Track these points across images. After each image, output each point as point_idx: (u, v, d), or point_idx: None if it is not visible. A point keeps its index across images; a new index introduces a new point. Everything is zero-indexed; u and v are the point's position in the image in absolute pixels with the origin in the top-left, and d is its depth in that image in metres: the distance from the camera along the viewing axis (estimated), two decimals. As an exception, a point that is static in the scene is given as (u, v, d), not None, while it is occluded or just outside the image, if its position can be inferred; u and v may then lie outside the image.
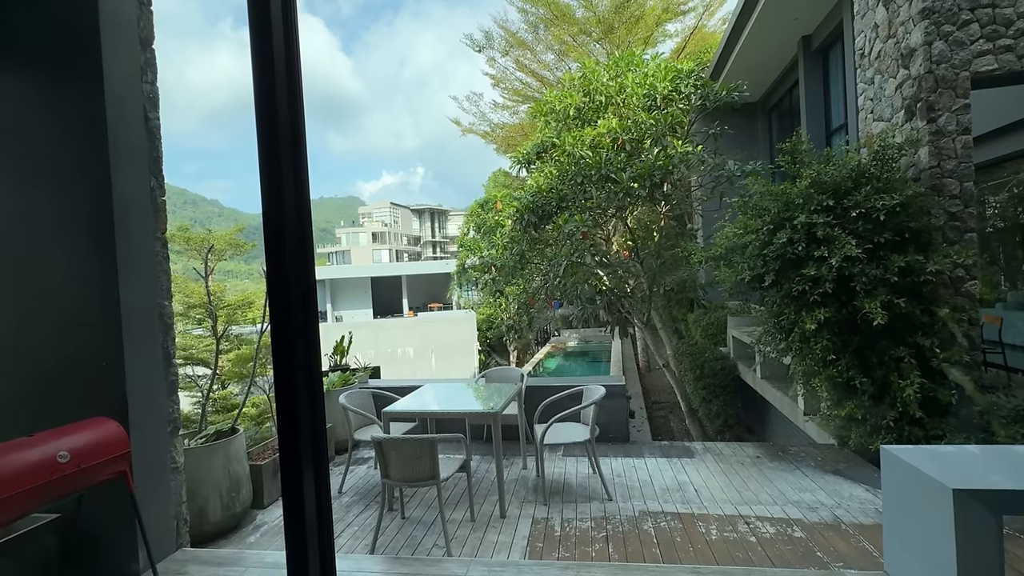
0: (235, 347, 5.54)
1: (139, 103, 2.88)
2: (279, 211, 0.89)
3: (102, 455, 2.41)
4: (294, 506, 0.92)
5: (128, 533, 2.70)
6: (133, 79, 2.85)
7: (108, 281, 2.64)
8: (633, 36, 15.31)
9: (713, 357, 8.79)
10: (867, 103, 5.16)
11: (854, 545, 2.98)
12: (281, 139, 0.88)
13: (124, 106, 2.76)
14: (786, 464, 4.33)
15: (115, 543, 2.72)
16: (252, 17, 0.88)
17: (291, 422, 0.92)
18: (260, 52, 0.87)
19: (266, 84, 0.88)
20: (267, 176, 0.89)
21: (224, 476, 3.46)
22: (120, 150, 2.71)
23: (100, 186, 2.63)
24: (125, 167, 2.74)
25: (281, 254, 0.90)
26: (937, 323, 3.90)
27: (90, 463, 2.34)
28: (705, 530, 3.24)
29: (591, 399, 3.94)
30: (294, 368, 0.91)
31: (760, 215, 4.50)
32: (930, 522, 2.04)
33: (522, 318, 19.66)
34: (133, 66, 2.86)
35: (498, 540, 3.23)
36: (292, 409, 0.92)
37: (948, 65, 4.13)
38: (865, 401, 4.00)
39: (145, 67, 2.96)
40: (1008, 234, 7.33)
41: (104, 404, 2.63)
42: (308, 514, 0.93)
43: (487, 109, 19.74)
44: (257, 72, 0.88)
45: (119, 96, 2.73)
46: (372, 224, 72.37)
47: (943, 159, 4.15)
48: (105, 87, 2.63)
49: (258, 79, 0.89)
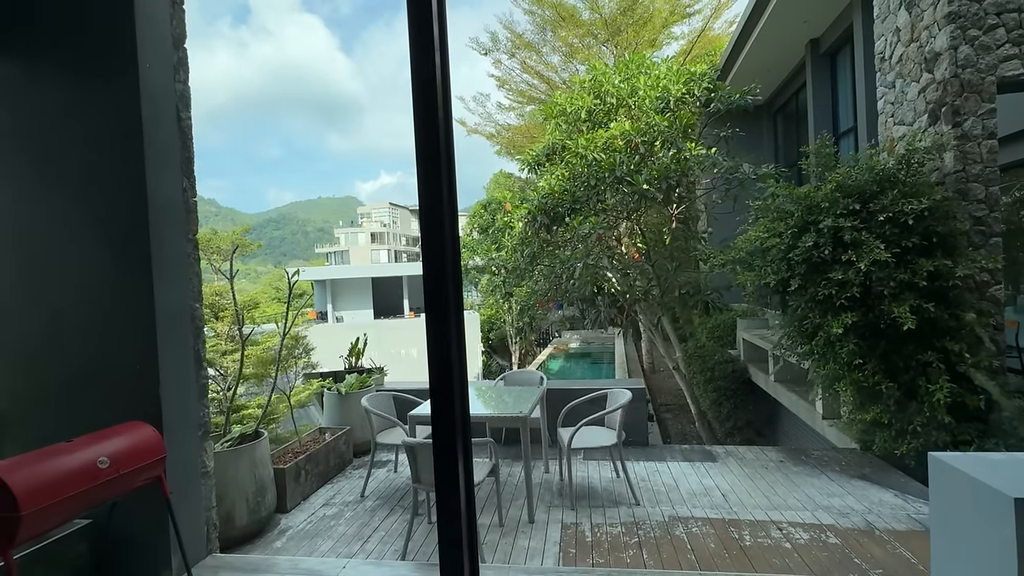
0: (240, 348, 5.50)
1: (172, 102, 2.85)
2: (436, 212, 0.88)
3: (140, 460, 2.37)
4: (448, 496, 0.91)
5: (160, 539, 2.66)
6: (167, 78, 2.81)
7: (142, 283, 2.60)
8: (640, 39, 15.34)
9: (723, 360, 8.79)
10: (887, 107, 5.16)
11: (891, 552, 2.96)
12: (440, 150, 0.87)
13: (158, 105, 2.72)
14: (810, 468, 4.32)
15: (147, 549, 2.67)
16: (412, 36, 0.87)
17: (447, 418, 0.91)
18: (419, 73, 0.86)
19: (426, 98, 0.87)
20: (425, 183, 0.87)
21: (250, 480, 3.42)
22: (154, 150, 2.67)
23: (135, 187, 2.59)
24: (159, 167, 2.70)
25: (440, 258, 0.88)
26: (964, 328, 3.90)
27: (128, 468, 2.30)
28: (738, 536, 3.21)
29: (617, 403, 3.91)
30: (449, 364, 0.90)
31: (783, 218, 4.49)
32: (986, 532, 2.01)
33: (523, 319, 19.64)
34: (166, 65, 2.82)
35: (530, 546, 3.19)
36: (449, 408, 0.91)
37: (974, 69, 4.14)
38: (891, 406, 3.99)
39: (178, 66, 2.92)
40: (1012, 238, 7.35)
41: (137, 408, 2.59)
42: (460, 504, 0.92)
43: (493, 110, 19.75)
44: (417, 86, 0.87)
45: (153, 95, 2.69)
46: (371, 224, 72.27)
47: (968, 163, 4.15)
48: (140, 87, 2.59)
49: (418, 91, 0.87)
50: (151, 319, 2.60)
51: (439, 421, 0.94)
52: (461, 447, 0.93)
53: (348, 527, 3.57)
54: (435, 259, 0.90)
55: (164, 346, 2.67)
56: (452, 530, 0.94)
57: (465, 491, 0.96)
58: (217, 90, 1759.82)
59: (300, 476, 4.02)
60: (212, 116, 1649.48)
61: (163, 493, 2.48)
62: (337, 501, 4.01)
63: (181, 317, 2.84)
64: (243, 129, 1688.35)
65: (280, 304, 4.26)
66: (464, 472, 0.95)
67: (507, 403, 3.91)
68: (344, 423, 4.98)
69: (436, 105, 0.89)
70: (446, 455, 0.94)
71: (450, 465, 0.93)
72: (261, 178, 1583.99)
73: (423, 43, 0.89)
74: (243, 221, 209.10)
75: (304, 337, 5.88)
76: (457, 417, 0.93)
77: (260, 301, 8.02)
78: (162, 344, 2.65)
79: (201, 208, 3.12)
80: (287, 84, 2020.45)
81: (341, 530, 3.53)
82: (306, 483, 4.10)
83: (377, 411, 4.13)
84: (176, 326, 2.79)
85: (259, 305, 7.51)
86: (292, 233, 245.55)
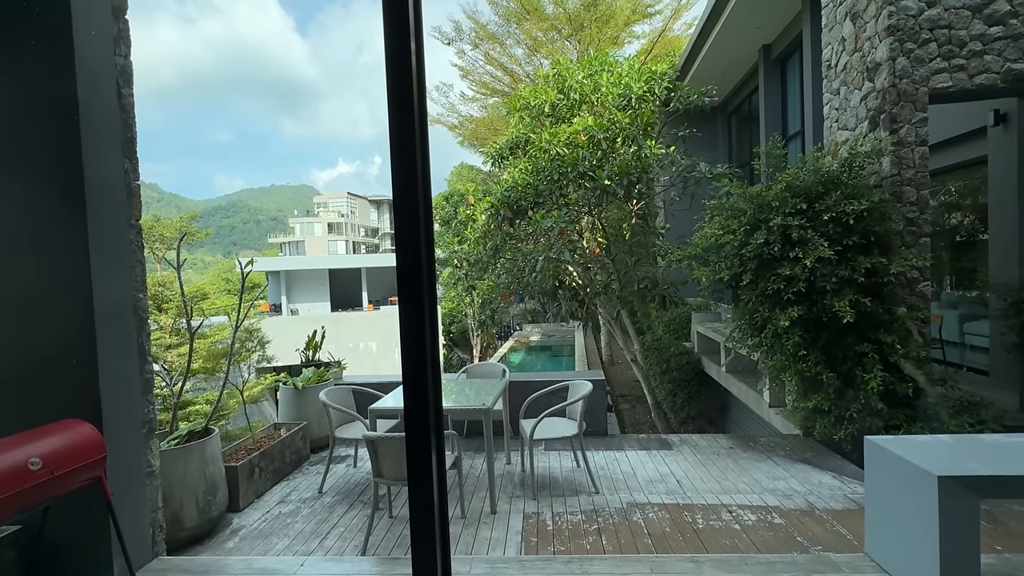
0: (186, 341, 5.24)
1: (112, 77, 2.66)
2: (411, 202, 0.85)
3: (77, 460, 2.22)
4: (420, 495, 0.90)
5: (100, 543, 2.51)
6: (106, 51, 2.61)
7: (79, 271, 2.43)
8: (602, 35, 15.53)
9: (678, 352, 9.12)
10: (832, 112, 5.45)
11: (830, 530, 3.17)
12: (416, 139, 0.85)
13: (96, 81, 2.54)
14: (758, 454, 4.56)
15: (86, 554, 2.51)
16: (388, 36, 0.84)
17: (421, 409, 0.90)
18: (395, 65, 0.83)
19: (400, 81, 0.84)
20: (400, 172, 0.85)
21: (200, 479, 3.27)
22: (92, 129, 2.49)
23: (71, 169, 2.41)
24: (97, 147, 2.52)
25: (415, 248, 0.86)
26: (896, 321, 4.20)
27: (64, 469, 2.15)
28: (691, 519, 3.36)
29: (578, 394, 3.99)
30: (424, 355, 0.88)
31: (736, 216, 4.68)
32: (914, 507, 2.19)
33: (485, 312, 19.64)
34: (106, 37, 2.62)
35: (492, 536, 3.22)
36: (423, 399, 0.89)
37: (909, 80, 4.43)
38: (831, 394, 4.26)
39: (118, 39, 2.72)
40: (938, 238, 7.99)
41: (75, 405, 2.42)
42: (433, 496, 0.91)
43: (456, 101, 19.51)
44: (391, 73, 0.84)
45: (91, 71, 2.50)
46: (328, 214, 70.05)
47: (903, 168, 4.46)
48: (76, 59, 2.40)
49: (392, 78, 0.84)
50: (89, 310, 2.43)
51: (413, 412, 0.93)
52: (435, 439, 0.93)
53: (305, 524, 3.48)
54: (410, 249, 0.88)
55: (104, 339, 2.50)
56: (426, 522, 0.94)
57: (438, 482, 0.95)
58: (160, 67, 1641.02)
59: (254, 473, 3.88)
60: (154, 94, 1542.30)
61: (104, 495, 2.34)
62: (294, 498, 3.90)
63: (123, 308, 2.67)
64: (189, 110, 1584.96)
65: (231, 296, 4.08)
66: (437, 463, 0.94)
67: (470, 396, 3.91)
68: (301, 418, 4.84)
69: (412, 93, 0.87)
70: (420, 445, 0.93)
71: (423, 457, 0.93)
72: (209, 163, 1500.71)
73: (399, 28, 0.86)
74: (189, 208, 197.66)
75: (258, 330, 5.66)
76: (431, 408, 0.92)
77: (208, 292, 7.63)
78: (102, 337, 2.49)
79: (142, 193, 2.93)
80: (238, 65, 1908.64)
81: (298, 527, 3.44)
82: (260, 480, 3.96)
83: (336, 405, 4.03)
84: (118, 317, 2.62)
85: (207, 296, 7.15)
86: (243, 222, 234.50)
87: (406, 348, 0.91)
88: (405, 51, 0.86)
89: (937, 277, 7.47)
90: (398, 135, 0.86)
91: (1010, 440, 2.47)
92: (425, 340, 0.91)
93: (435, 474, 0.95)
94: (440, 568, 0.97)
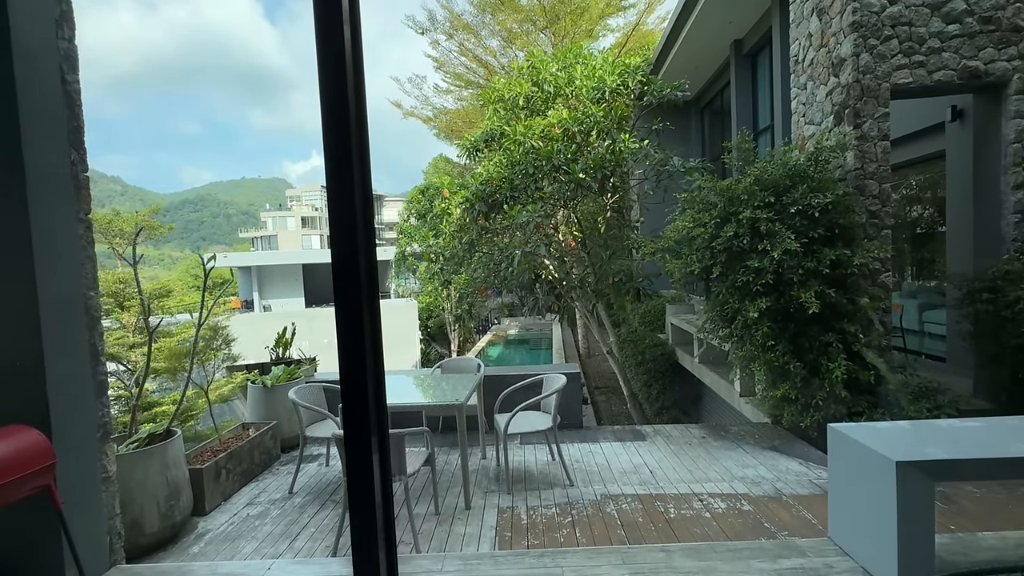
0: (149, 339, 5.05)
1: (55, 62, 2.49)
2: (348, 202, 0.80)
3: (21, 469, 2.10)
4: (361, 490, 0.86)
5: (52, 555, 2.38)
6: (46, 33, 2.45)
7: (21, 268, 2.28)
8: (577, 28, 15.50)
9: (653, 344, 9.23)
10: (799, 107, 5.56)
11: (796, 515, 3.26)
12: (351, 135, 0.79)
13: (36, 66, 2.38)
14: (729, 443, 4.65)
15: (34, 567, 2.39)
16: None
17: (359, 408, 0.85)
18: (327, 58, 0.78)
19: (333, 80, 0.79)
20: (333, 171, 0.80)
21: (162, 483, 3.15)
22: (32, 118, 2.33)
23: (9, 159, 2.25)
24: (38, 137, 2.37)
25: (351, 244, 0.81)
26: (859, 311, 4.33)
27: (7, 479, 2.03)
28: (664, 509, 3.40)
29: (552, 388, 3.99)
30: (362, 354, 0.84)
31: (707, 209, 4.74)
32: (874, 492, 2.26)
33: (462, 306, 19.55)
34: (46, 17, 2.46)
35: (466, 532, 3.20)
36: (361, 399, 0.85)
37: (872, 76, 4.54)
38: (797, 383, 4.36)
39: (61, 20, 2.56)
40: (898, 230, 8.28)
41: (19, 410, 2.29)
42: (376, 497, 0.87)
43: (430, 93, 19.24)
44: (323, 69, 0.78)
45: (30, 53, 2.34)
46: (301, 208, 68.53)
47: (866, 162, 4.58)
48: (12, 42, 2.24)
49: (324, 75, 0.79)
50: (34, 310, 2.29)
51: (350, 412, 0.89)
52: (376, 439, 0.89)
53: (275, 526, 3.40)
54: (345, 248, 0.83)
55: (51, 340, 2.37)
56: (366, 523, 0.90)
57: (381, 481, 0.92)
58: (121, 54, 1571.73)
59: (220, 475, 3.76)
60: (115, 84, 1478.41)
61: (53, 503, 2.22)
62: (263, 499, 3.80)
63: (72, 307, 2.53)
64: (153, 100, 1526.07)
65: (200, 292, 3.92)
66: (380, 463, 0.90)
67: (444, 391, 3.86)
68: (270, 417, 4.72)
69: (345, 81, 0.82)
70: (357, 447, 0.89)
71: (363, 457, 0.89)
72: (175, 155, 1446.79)
73: (329, 12, 0.81)
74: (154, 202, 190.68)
75: (225, 327, 5.48)
76: (371, 408, 0.88)
77: (174, 289, 7.35)
78: (48, 338, 2.35)
79: (104, 187, 2.83)
80: (204, 52, 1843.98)
81: (267, 529, 3.35)
82: (227, 482, 3.85)
83: (306, 404, 3.94)
84: (66, 317, 2.48)
85: (172, 293, 6.89)
86: (212, 216, 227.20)
87: (344, 350, 0.87)
88: (337, 36, 0.81)
89: (898, 268, 7.73)
90: (331, 132, 0.81)
91: (964, 425, 2.56)
92: (364, 341, 0.87)
93: (377, 474, 0.91)
94: (385, 569, 0.94)
